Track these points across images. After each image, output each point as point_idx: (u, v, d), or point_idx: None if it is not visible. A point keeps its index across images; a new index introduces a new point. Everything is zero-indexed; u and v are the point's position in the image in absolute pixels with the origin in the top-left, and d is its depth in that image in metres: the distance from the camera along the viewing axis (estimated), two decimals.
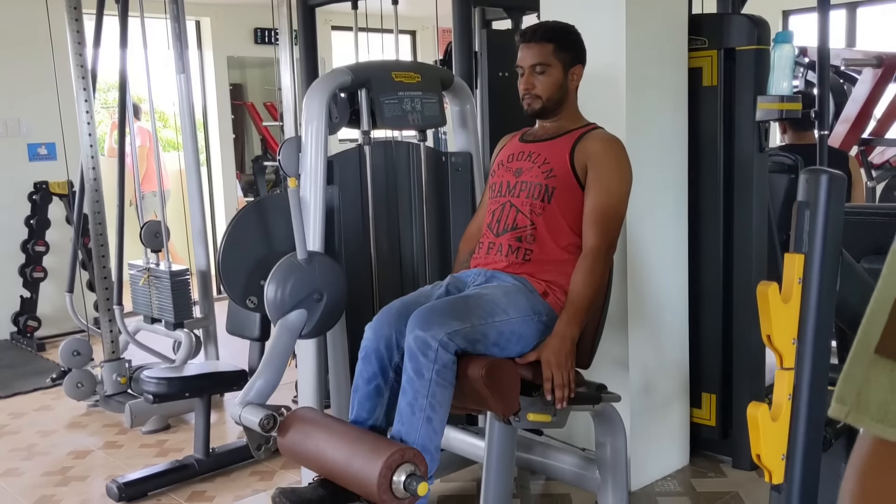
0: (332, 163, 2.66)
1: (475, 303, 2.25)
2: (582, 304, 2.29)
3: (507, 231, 2.43)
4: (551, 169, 2.42)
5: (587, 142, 2.43)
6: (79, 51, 3.95)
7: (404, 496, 1.98)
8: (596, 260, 2.32)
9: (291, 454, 2.30)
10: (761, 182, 3.00)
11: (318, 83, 2.62)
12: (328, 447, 2.15)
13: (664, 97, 2.93)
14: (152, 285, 3.99)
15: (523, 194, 2.44)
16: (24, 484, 3.31)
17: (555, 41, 2.44)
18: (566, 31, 2.49)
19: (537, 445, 3.03)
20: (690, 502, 2.88)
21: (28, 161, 5.77)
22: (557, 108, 2.48)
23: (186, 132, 3.98)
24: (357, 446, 2.10)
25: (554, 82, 2.44)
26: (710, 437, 3.18)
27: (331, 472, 2.16)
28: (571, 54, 2.47)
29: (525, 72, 2.46)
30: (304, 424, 2.26)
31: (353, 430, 2.23)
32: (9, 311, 5.58)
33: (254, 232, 2.62)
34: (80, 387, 4.04)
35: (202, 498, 3.11)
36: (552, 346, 2.25)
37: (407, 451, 2.01)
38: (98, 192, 4.01)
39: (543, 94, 2.45)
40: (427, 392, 2.11)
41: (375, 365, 2.26)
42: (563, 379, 2.23)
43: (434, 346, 2.08)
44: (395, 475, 1.98)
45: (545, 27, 2.50)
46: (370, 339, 2.28)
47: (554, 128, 2.52)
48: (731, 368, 3.11)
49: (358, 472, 2.04)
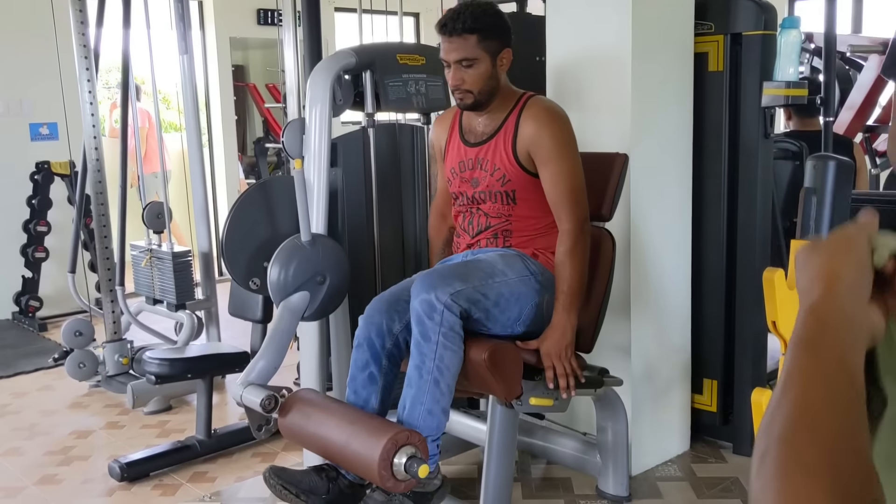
0: (336, 145, 2.65)
1: (475, 265, 2.29)
2: (573, 288, 2.31)
3: (483, 230, 2.47)
4: (504, 175, 2.40)
5: (523, 129, 2.37)
6: (81, 30, 3.93)
7: (405, 478, 1.99)
8: (574, 240, 2.33)
9: (292, 435, 2.31)
10: (766, 168, 2.99)
11: (323, 65, 2.61)
12: (329, 428, 2.16)
13: (669, 82, 2.92)
14: (154, 266, 3.98)
15: (489, 201, 2.45)
16: (26, 463, 3.33)
17: (477, 31, 2.31)
18: (487, 15, 2.34)
19: (538, 429, 3.05)
20: (691, 487, 2.89)
21: (30, 141, 5.75)
22: (490, 98, 2.40)
23: (189, 113, 3.97)
24: (358, 428, 2.11)
25: (483, 74, 2.34)
26: (711, 422, 3.19)
27: (331, 453, 2.18)
28: (497, 41, 2.35)
29: (451, 66, 2.35)
30: (305, 406, 2.27)
31: (354, 412, 2.25)
32: (10, 290, 5.59)
33: (257, 214, 2.62)
34: (81, 367, 4.05)
35: (204, 478, 3.12)
36: (552, 338, 2.28)
37: (408, 434, 2.03)
38: (101, 173, 4.00)
39: (474, 87, 2.35)
40: (434, 355, 2.13)
41: (368, 353, 2.30)
42: (564, 369, 2.25)
43: (439, 309, 2.11)
44: (396, 457, 1.99)
45: (465, 16, 2.31)
46: (362, 329, 2.32)
47: (490, 123, 2.44)
48: (732, 355, 3.11)
49: (358, 454, 2.05)
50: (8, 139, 5.67)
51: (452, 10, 2.38)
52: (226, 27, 6.89)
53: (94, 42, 4.07)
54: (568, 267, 2.31)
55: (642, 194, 2.83)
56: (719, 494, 2.82)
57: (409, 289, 2.28)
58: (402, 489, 2.04)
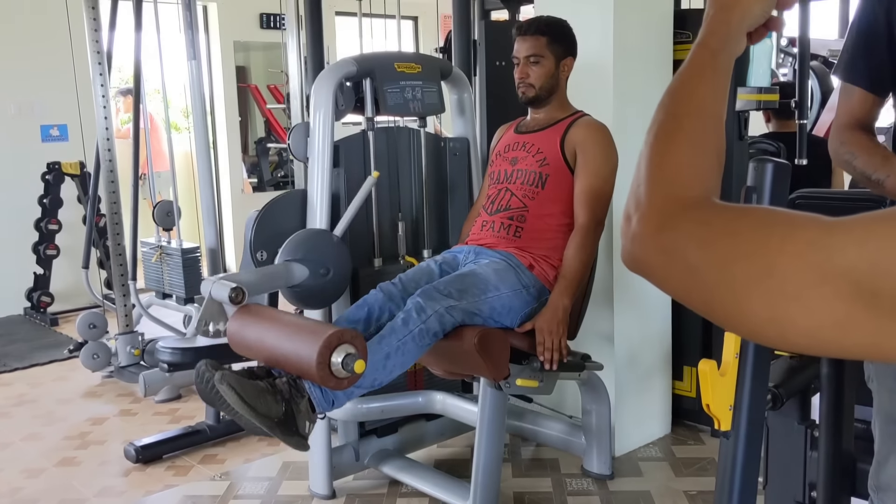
0: (339, 147, 2.84)
1: (471, 281, 2.46)
2: (574, 276, 2.53)
3: (501, 211, 2.67)
4: (544, 157, 2.65)
5: (576, 129, 2.66)
6: (95, 38, 4.11)
7: (343, 375, 2.03)
8: (586, 236, 2.56)
9: (237, 338, 2.29)
10: (740, 168, 3.18)
11: (326, 73, 2.80)
12: (271, 331, 2.19)
13: (650, 87, 3.11)
14: (164, 262, 4.18)
15: (519, 181, 2.67)
16: (46, 447, 3.52)
17: (548, 34, 2.66)
18: (559, 25, 2.71)
19: (528, 413, 3.25)
20: (670, 466, 3.09)
21: (41, 142, 5.94)
22: (549, 96, 2.70)
23: (197, 116, 4.14)
24: (299, 330, 2.15)
25: (546, 72, 2.67)
26: (691, 407, 3.38)
27: (271, 355, 2.17)
28: (563, 47, 2.69)
29: (520, 62, 2.69)
30: (257, 311, 2.29)
31: (300, 319, 2.35)
32: (23, 287, 5.77)
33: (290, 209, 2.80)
34: (95, 358, 4.24)
35: (214, 461, 3.31)
36: (546, 316, 2.48)
37: (346, 333, 2.04)
38: (113, 173, 4.19)
39: (537, 82, 2.68)
40: (401, 337, 2.27)
41: (364, 312, 2.47)
42: (553, 344, 2.45)
43: (429, 313, 2.30)
44: (334, 355, 2.01)
45: (540, 21, 2.71)
46: (372, 295, 2.51)
47: (545, 118, 2.74)
48: (710, 343, 3.30)
49: (297, 352, 2.06)
50: (19, 140, 5.86)
51: (530, 18, 2.80)
52: (230, 31, 7.06)
53: (108, 45, 4.25)
54: (574, 258, 2.54)
55: (625, 191, 3.01)
56: (696, 473, 3.02)
57: (419, 276, 2.54)
58: (345, 386, 2.07)
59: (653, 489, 2.91)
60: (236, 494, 2.99)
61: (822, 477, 1.78)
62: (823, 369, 1.75)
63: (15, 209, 5.78)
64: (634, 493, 2.89)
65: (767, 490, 1.91)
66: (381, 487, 2.99)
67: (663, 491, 2.90)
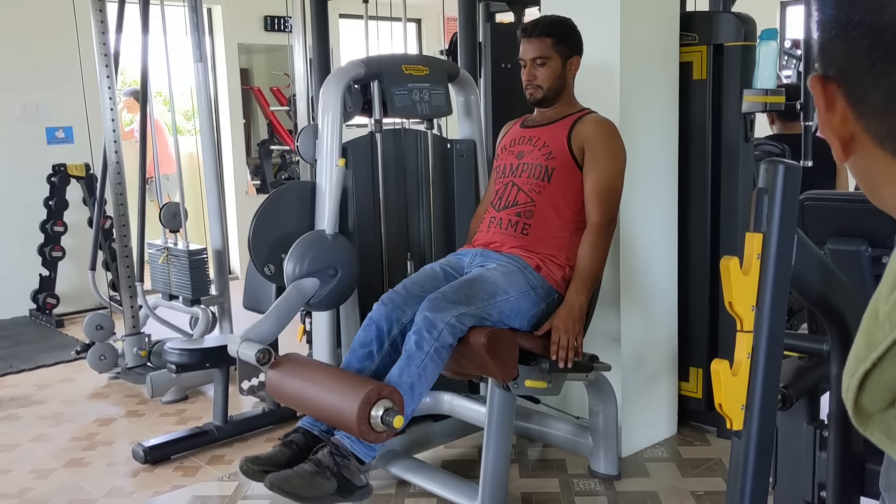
0: (346, 149, 2.86)
1: (479, 286, 2.47)
2: (588, 274, 2.55)
3: (508, 207, 2.67)
4: (550, 151, 2.66)
5: (583, 125, 2.66)
6: (102, 40, 4.13)
7: (382, 429, 2.16)
8: (599, 234, 2.58)
9: (277, 390, 2.42)
10: (746, 169, 3.20)
11: (334, 75, 2.81)
12: (313, 383, 2.31)
13: (656, 89, 3.13)
14: (171, 264, 4.19)
15: (525, 175, 2.67)
16: (54, 448, 3.54)
17: (553, 35, 2.67)
18: (564, 25, 2.71)
19: (535, 414, 3.26)
20: (676, 467, 3.10)
21: (46, 144, 5.95)
22: (557, 96, 2.72)
23: (204, 118, 4.17)
24: (338, 383, 2.27)
25: (553, 73, 2.68)
26: (697, 408, 3.39)
27: (311, 406, 2.31)
28: (569, 47, 2.70)
29: (527, 64, 2.70)
30: (294, 363, 2.44)
31: (337, 371, 2.41)
32: (28, 288, 5.78)
33: (288, 209, 2.82)
34: (102, 359, 4.26)
35: (221, 461, 3.32)
36: (562, 314, 2.50)
37: (384, 388, 2.19)
38: (120, 175, 4.20)
39: (544, 84, 2.69)
40: (420, 363, 2.31)
41: (373, 332, 2.47)
42: (569, 342, 2.46)
43: (440, 327, 2.30)
44: (374, 409, 2.14)
45: (544, 22, 2.71)
46: (376, 310, 2.51)
47: (552, 114, 2.75)
48: (717, 344, 3.31)
49: (338, 406, 2.19)
50: (25, 143, 5.87)
51: (534, 19, 2.79)
52: (234, 33, 7.08)
53: (115, 48, 4.27)
54: (589, 257, 2.55)
55: (632, 193, 3.03)
56: (703, 473, 3.03)
57: (423, 280, 2.52)
58: (384, 440, 2.21)
59: (660, 490, 2.92)
60: (245, 495, 3.00)
61: (831, 477, 1.79)
62: (832, 370, 1.76)
63: (20, 211, 5.79)
64: (641, 494, 2.90)
65: (776, 490, 1.92)
66: (388, 488, 3.00)
67: (670, 491, 2.91)
